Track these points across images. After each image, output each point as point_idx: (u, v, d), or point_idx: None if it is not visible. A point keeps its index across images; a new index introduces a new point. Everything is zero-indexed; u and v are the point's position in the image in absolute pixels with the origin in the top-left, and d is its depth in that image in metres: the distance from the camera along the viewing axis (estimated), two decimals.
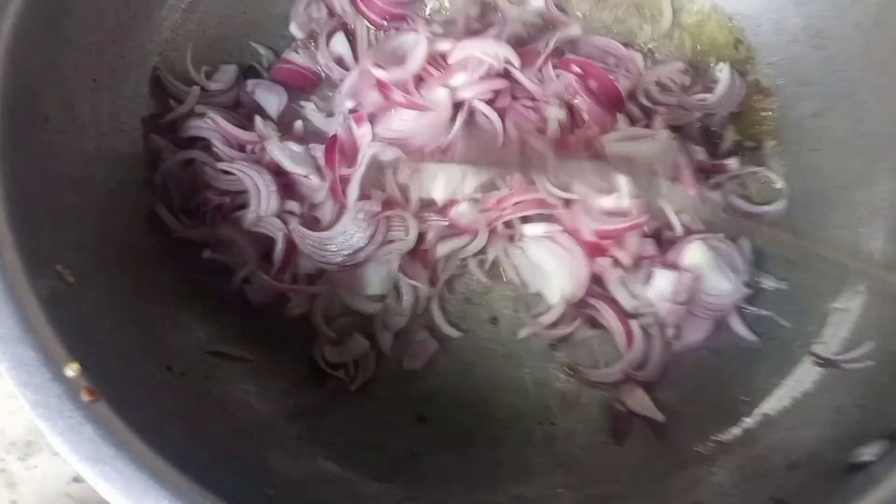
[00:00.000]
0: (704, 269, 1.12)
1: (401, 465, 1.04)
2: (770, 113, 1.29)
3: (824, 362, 1.08)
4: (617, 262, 1.13)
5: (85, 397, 0.72)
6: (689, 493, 0.99)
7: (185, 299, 1.07)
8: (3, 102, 0.86)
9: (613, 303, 1.14)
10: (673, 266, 1.12)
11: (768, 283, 1.18)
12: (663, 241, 1.16)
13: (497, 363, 1.16)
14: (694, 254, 1.12)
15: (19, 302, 0.76)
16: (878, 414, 0.94)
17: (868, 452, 0.86)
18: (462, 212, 1.15)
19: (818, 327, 1.12)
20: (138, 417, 0.76)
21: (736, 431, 1.07)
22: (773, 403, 1.08)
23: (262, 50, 1.29)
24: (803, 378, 1.09)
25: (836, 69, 1.21)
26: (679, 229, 1.15)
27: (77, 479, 1.15)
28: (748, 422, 1.07)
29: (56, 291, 0.82)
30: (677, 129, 1.24)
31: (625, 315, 1.14)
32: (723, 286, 1.12)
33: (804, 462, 0.95)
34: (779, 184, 1.24)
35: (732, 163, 1.25)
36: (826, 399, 1.03)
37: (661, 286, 1.11)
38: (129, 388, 0.81)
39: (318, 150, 1.17)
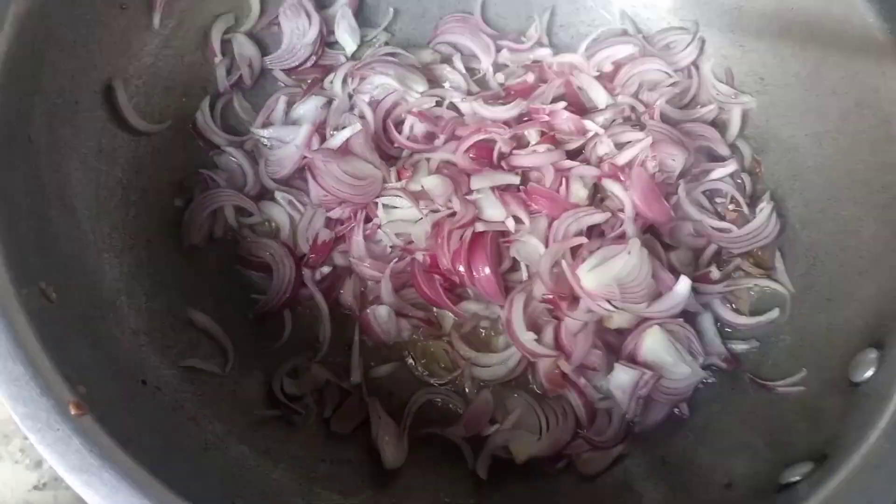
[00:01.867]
0: (662, 355, 1.13)
1: (367, 479, 1.08)
2: None
3: (763, 387, 1.14)
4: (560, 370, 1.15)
5: (73, 411, 0.76)
6: None
7: (158, 316, 1.10)
8: None
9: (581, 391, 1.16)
10: (631, 358, 1.14)
11: (739, 346, 1.21)
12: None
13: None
14: (651, 339, 1.13)
15: (9, 319, 0.79)
16: (806, 437, 1.00)
17: (796, 473, 0.92)
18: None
19: (758, 354, 1.20)
20: (120, 430, 0.80)
21: (679, 452, 1.13)
22: (715, 425, 1.15)
23: None
24: (743, 402, 1.16)
25: (777, 114, 1.30)
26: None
27: (37, 488, 1.17)
28: (691, 442, 1.14)
29: (41, 308, 0.85)
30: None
31: (589, 401, 1.16)
32: (681, 370, 1.13)
33: (740, 482, 1.01)
34: (783, 290, 1.23)
35: (712, 272, 1.24)
36: (761, 422, 1.10)
37: (621, 380, 1.12)
38: (108, 401, 0.84)
39: None
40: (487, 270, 1.16)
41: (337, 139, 1.24)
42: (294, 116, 1.32)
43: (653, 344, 1.13)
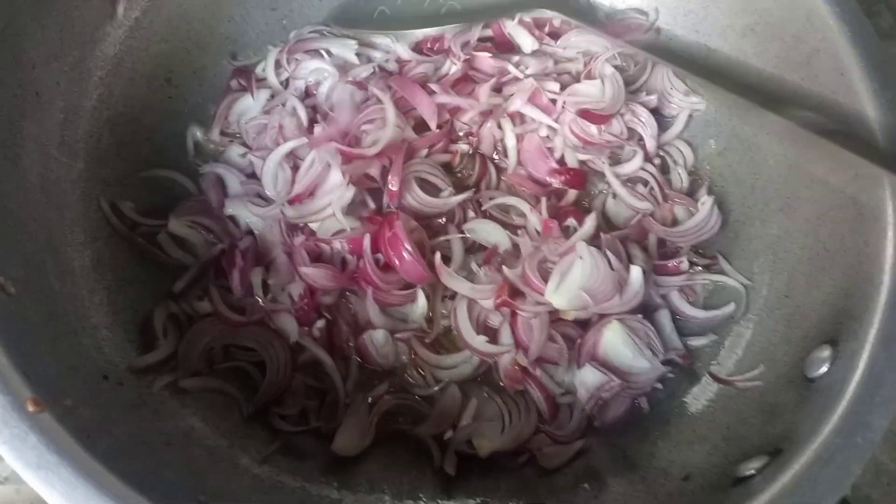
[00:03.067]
0: (622, 349, 1.14)
1: (331, 473, 1.08)
2: None
3: (721, 381, 1.17)
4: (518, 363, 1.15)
5: (30, 408, 0.75)
6: (593, 500, 1.06)
7: (120, 312, 1.09)
8: None
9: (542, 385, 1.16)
10: (591, 354, 1.15)
11: (696, 342, 1.23)
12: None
13: None
14: (611, 333, 1.14)
15: None
16: (762, 431, 1.02)
17: (751, 467, 0.94)
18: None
19: (716, 349, 1.22)
20: (80, 426, 0.79)
21: (638, 445, 1.14)
22: (674, 419, 1.16)
23: None
24: (701, 396, 1.18)
25: (738, 112, 1.32)
26: None
27: (1, 482, 1.16)
28: (650, 436, 1.15)
29: None
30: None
31: (550, 395, 1.16)
32: (640, 364, 1.14)
33: (697, 474, 1.03)
34: (738, 285, 1.25)
35: (682, 262, 1.26)
36: (719, 416, 1.13)
37: (587, 379, 1.14)
38: (69, 397, 0.84)
39: None
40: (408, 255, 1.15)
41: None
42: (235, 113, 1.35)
43: (612, 338, 1.15)
